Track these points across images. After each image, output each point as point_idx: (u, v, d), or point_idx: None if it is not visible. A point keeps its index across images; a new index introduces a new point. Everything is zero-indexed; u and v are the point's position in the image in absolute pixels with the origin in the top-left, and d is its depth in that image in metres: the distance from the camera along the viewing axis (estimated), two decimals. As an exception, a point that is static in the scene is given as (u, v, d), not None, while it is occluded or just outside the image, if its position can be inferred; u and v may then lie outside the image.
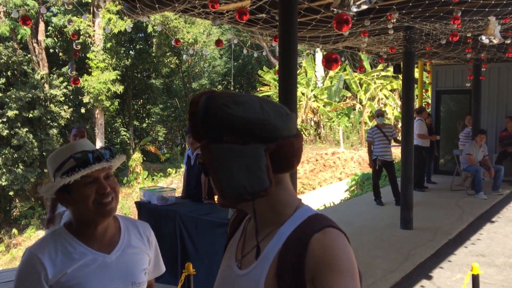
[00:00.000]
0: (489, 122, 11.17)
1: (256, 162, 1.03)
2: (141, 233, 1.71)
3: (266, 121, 1.05)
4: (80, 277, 1.50)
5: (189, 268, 3.29)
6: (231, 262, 1.20)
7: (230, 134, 1.04)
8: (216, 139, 1.05)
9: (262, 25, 5.74)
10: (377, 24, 6.04)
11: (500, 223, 7.45)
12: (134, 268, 1.61)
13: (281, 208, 1.11)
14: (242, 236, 1.25)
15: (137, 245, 1.67)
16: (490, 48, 8.49)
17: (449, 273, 5.33)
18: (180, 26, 22.48)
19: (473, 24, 6.27)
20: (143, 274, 1.64)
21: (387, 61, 10.30)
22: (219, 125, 1.04)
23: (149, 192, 5.20)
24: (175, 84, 32.56)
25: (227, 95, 1.08)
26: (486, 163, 9.43)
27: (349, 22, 3.14)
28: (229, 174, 1.03)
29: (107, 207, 1.54)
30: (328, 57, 3.21)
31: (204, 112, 1.06)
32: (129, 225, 1.71)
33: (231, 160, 1.03)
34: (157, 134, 33.70)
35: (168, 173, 22.37)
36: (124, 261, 1.60)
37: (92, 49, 20.72)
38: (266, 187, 1.04)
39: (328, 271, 0.97)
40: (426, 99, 14.39)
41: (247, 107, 1.05)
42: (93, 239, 1.58)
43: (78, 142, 1.60)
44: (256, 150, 1.03)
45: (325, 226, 1.04)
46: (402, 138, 7.15)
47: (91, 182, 1.52)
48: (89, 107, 21.27)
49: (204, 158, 1.08)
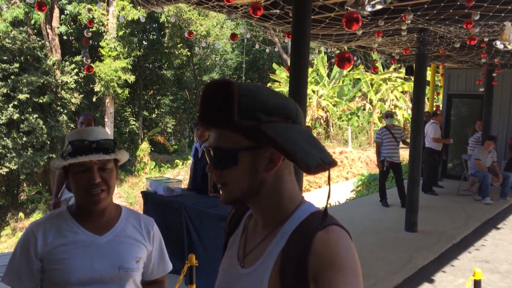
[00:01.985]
0: (499, 128, 11.08)
1: (312, 138, 1.04)
2: (141, 225, 1.74)
3: (297, 107, 1.08)
4: (66, 253, 1.57)
5: (192, 259, 3.32)
6: (233, 261, 1.19)
7: (269, 115, 1.02)
8: (258, 120, 1.01)
9: (276, 20, 5.72)
10: (391, 25, 6.01)
11: (506, 230, 7.41)
12: (124, 254, 1.63)
13: (286, 203, 1.10)
14: (243, 234, 1.23)
15: (133, 235, 1.69)
16: (504, 54, 8.41)
17: (451, 278, 5.31)
18: (194, 18, 22.49)
19: (488, 28, 6.22)
20: (134, 262, 1.65)
21: (399, 62, 10.24)
22: (257, 107, 1.02)
23: (155, 182, 5.23)
24: (186, 76, 32.61)
25: (253, 84, 1.07)
26: (494, 169, 9.36)
27: (359, 21, 3.12)
28: (301, 147, 1.00)
29: (95, 197, 1.59)
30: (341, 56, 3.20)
31: (240, 94, 1.01)
32: (131, 216, 1.75)
33: (293, 135, 1.01)
34: (166, 125, 33.84)
35: (176, 164, 22.46)
36: (115, 245, 1.63)
37: (105, 37, 20.79)
38: (333, 159, 1.04)
39: (331, 269, 0.96)
40: (437, 102, 14.28)
41: (277, 94, 1.07)
42: (88, 221, 1.65)
43: (86, 130, 1.64)
44: (304, 128, 1.04)
45: (328, 224, 1.04)
46: (411, 141, 7.11)
47: (84, 170, 1.57)
48: (100, 95, 21.37)
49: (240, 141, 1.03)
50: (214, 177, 1.12)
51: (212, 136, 1.09)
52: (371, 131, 20.43)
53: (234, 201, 1.10)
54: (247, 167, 1.05)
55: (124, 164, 25.24)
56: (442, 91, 12.24)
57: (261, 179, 1.06)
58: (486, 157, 9.30)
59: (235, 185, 1.07)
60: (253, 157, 1.05)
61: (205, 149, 1.11)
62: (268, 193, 1.09)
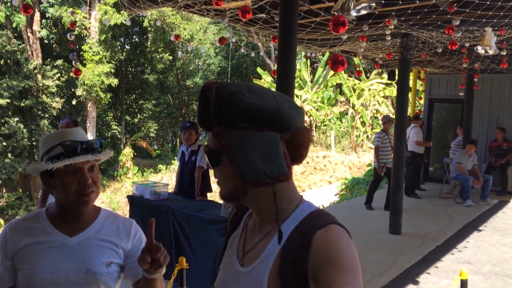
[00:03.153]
0: (480, 132, 11.30)
1: (274, 148, 1.04)
2: (119, 227, 1.69)
3: (280, 110, 1.06)
4: (34, 252, 1.56)
5: (182, 262, 3.31)
6: (233, 260, 1.19)
7: (245, 121, 1.04)
8: (229, 126, 1.05)
9: (262, 25, 5.76)
10: (375, 30, 6.10)
11: (487, 232, 7.54)
12: (93, 257, 1.59)
13: (285, 203, 1.10)
14: (242, 233, 1.23)
15: (108, 237, 1.65)
16: (485, 59, 8.59)
17: (435, 279, 5.39)
18: (177, 22, 22.43)
19: (469, 34, 6.36)
20: (104, 266, 1.60)
21: (382, 67, 10.38)
22: (233, 112, 1.04)
23: (142, 186, 5.20)
24: (169, 80, 32.48)
25: (239, 84, 1.08)
26: (475, 172, 9.53)
27: (346, 24, 3.16)
28: (248, 159, 1.03)
29: (85, 198, 1.57)
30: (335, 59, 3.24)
31: (217, 98, 1.04)
32: (109, 218, 1.71)
33: (249, 145, 1.03)
34: (149, 130, 33.60)
35: (159, 169, 22.32)
36: (85, 247, 1.59)
37: (87, 41, 20.61)
38: (286, 172, 1.06)
39: (331, 268, 0.96)
40: (419, 107, 14.51)
41: (261, 95, 1.06)
42: (64, 222, 1.62)
43: (72, 130, 1.62)
44: (273, 136, 1.05)
45: (328, 223, 1.04)
46: (394, 145, 7.21)
47: (74, 171, 1.55)
48: (81, 99, 21.15)
49: (216, 145, 1.07)
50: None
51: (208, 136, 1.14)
52: (354, 135, 20.62)
53: (227, 198, 1.13)
54: (228, 169, 1.08)
55: (106, 169, 24.99)
56: (424, 95, 12.43)
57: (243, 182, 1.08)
58: (467, 161, 9.47)
59: (223, 183, 1.12)
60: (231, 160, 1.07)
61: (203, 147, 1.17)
62: (259, 195, 1.09)
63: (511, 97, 10.98)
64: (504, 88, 11.08)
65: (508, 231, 7.57)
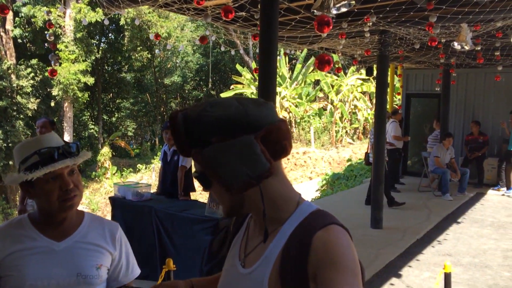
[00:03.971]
0: (456, 126, 11.51)
1: (250, 149, 1.04)
2: (105, 231, 1.69)
3: (247, 112, 1.06)
4: (21, 259, 1.53)
5: (169, 263, 3.29)
6: (235, 261, 1.20)
7: (216, 134, 1.04)
8: (204, 145, 1.05)
9: (242, 23, 5.75)
10: (354, 27, 6.15)
11: (466, 224, 7.70)
12: (83, 261, 1.59)
13: (282, 203, 1.11)
14: (244, 234, 1.24)
15: (95, 240, 1.64)
16: (460, 54, 8.75)
17: (417, 272, 5.48)
18: (154, 20, 22.22)
19: (446, 30, 6.46)
20: (94, 269, 1.60)
21: (360, 64, 10.48)
22: (203, 131, 1.05)
23: (124, 187, 5.14)
24: (147, 79, 32.19)
25: (201, 103, 1.10)
26: (452, 166, 9.71)
27: (330, 24, 3.19)
28: (229, 168, 1.03)
29: (69, 202, 1.55)
30: (321, 59, 3.25)
31: (185, 124, 1.07)
32: (94, 221, 1.70)
33: (225, 156, 1.03)
34: (127, 129, 33.26)
35: (138, 169, 22.12)
36: (74, 252, 1.59)
37: (63, 39, 20.25)
38: (268, 167, 1.04)
39: (330, 268, 0.97)
40: (397, 102, 14.70)
41: (225, 106, 1.07)
42: (49, 228, 1.60)
43: (45, 137, 1.60)
44: (246, 139, 1.04)
45: (327, 223, 1.04)
46: (374, 140, 7.29)
47: (54, 178, 1.53)
48: (58, 99, 20.79)
49: (198, 166, 1.08)
50: None
51: None
52: (333, 131, 20.78)
53: (230, 214, 1.15)
54: (220, 188, 1.08)
55: (84, 169, 24.61)
56: (401, 91, 12.60)
57: (239, 197, 1.09)
58: (445, 154, 9.64)
59: (221, 202, 1.13)
60: None
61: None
62: (256, 202, 1.10)
63: (486, 91, 11.21)
64: (479, 83, 11.31)
65: (485, 223, 7.75)
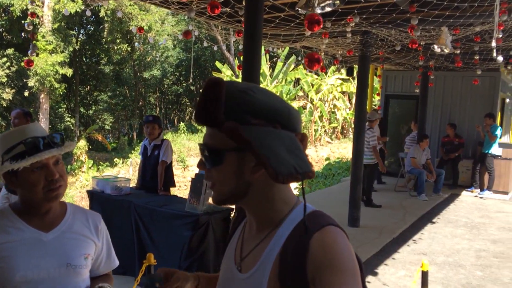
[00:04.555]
0: (433, 128, 11.71)
1: (295, 145, 1.03)
2: (89, 221, 1.71)
3: (289, 111, 1.06)
4: (9, 250, 1.52)
5: (150, 258, 3.27)
6: (231, 265, 1.18)
7: (258, 117, 1.02)
8: (242, 122, 1.01)
9: (226, 19, 5.73)
10: (337, 27, 6.19)
11: (440, 224, 7.85)
12: (71, 250, 1.60)
13: (281, 205, 1.10)
14: (240, 237, 1.22)
15: (81, 231, 1.66)
16: (439, 57, 8.90)
17: (393, 270, 5.57)
18: (135, 13, 21.95)
19: (426, 33, 6.57)
20: (82, 259, 1.62)
21: (341, 63, 10.57)
22: (245, 108, 1.02)
23: (102, 181, 5.08)
24: (126, 72, 31.80)
25: (246, 83, 1.07)
26: (428, 167, 9.89)
27: (321, 23, 3.21)
28: (275, 153, 0.99)
29: (54, 193, 1.55)
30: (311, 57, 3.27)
31: (228, 93, 1.02)
32: (77, 212, 1.71)
33: (273, 142, 1.00)
34: (104, 122, 32.84)
35: (115, 163, 21.84)
36: (62, 242, 1.60)
37: (40, 30, 19.84)
38: (311, 169, 1.03)
39: (328, 270, 0.96)
40: (376, 103, 14.87)
41: (269, 95, 1.06)
42: (34, 218, 1.60)
43: (29, 126, 1.59)
44: (290, 135, 1.03)
45: (324, 225, 1.03)
46: (353, 139, 7.37)
47: (40, 168, 1.53)
48: (34, 90, 20.38)
49: (223, 141, 1.03)
50: (205, 175, 1.12)
51: (206, 133, 1.09)
52: (312, 129, 20.91)
53: (223, 201, 1.10)
54: (232, 167, 1.05)
55: (59, 162, 24.15)
56: (381, 91, 12.75)
57: (247, 181, 1.06)
58: (421, 155, 9.80)
59: (221, 185, 1.07)
60: (239, 158, 1.04)
61: (199, 145, 1.11)
62: (258, 196, 1.08)
63: (463, 95, 11.44)
64: (456, 86, 11.52)
65: (459, 223, 7.92)
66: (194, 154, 20.42)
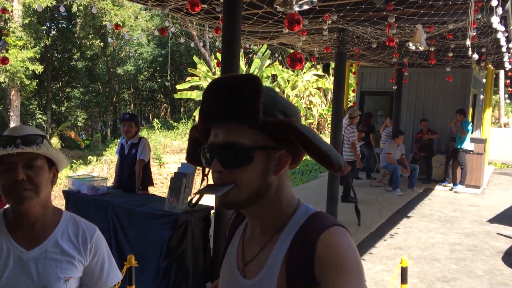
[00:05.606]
0: (407, 124, 11.91)
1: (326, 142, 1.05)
2: (78, 236, 1.58)
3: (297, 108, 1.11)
4: None
5: (131, 260, 3.22)
6: (234, 271, 1.15)
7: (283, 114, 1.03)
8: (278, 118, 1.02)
9: (203, 15, 5.68)
10: (314, 24, 6.21)
11: (415, 218, 8.00)
12: (50, 273, 1.50)
13: (285, 207, 1.09)
14: (240, 242, 1.19)
15: (66, 249, 1.55)
16: (413, 54, 9.04)
17: (370, 265, 5.65)
18: (108, 8, 21.59)
19: (401, 30, 6.66)
20: (61, 282, 1.51)
21: (318, 60, 10.62)
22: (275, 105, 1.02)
23: (78, 180, 4.98)
24: (99, 68, 31.29)
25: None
26: (403, 162, 10.06)
27: (300, 22, 3.21)
28: (327, 146, 0.99)
29: (17, 195, 1.46)
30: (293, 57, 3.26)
31: (266, 89, 1.02)
32: (70, 224, 1.60)
33: (316, 137, 1.00)
34: (76, 119, 32.26)
35: (89, 161, 21.47)
36: (42, 263, 1.50)
37: (10, 25, 19.32)
38: (345, 164, 1.03)
39: (334, 271, 0.96)
40: (351, 99, 15.03)
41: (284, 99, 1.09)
42: (20, 229, 1.52)
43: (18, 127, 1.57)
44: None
45: (328, 226, 1.03)
46: (331, 135, 7.40)
47: (8, 169, 1.46)
48: (4, 86, 19.85)
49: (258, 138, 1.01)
50: (216, 177, 1.04)
51: (222, 132, 1.02)
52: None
53: (237, 204, 1.04)
54: (261, 167, 1.02)
55: (31, 160, 23.62)
56: (356, 88, 12.88)
57: (269, 181, 1.04)
58: (396, 151, 9.96)
59: (246, 186, 1.02)
60: (266, 157, 1.02)
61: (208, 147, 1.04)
62: (271, 198, 1.06)
63: (436, 91, 11.66)
64: (430, 82, 11.74)
65: (433, 217, 8.08)
66: (170, 151, 20.25)
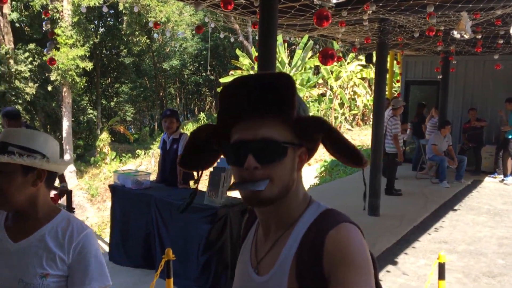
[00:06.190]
0: (454, 114, 11.51)
1: None
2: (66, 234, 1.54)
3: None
4: None
5: (169, 253, 3.33)
6: (248, 268, 1.16)
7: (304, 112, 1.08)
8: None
9: (241, 10, 5.73)
10: (353, 15, 6.13)
11: (462, 211, 7.77)
12: (27, 266, 1.49)
13: (299, 203, 1.11)
14: (253, 239, 1.21)
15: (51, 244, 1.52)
16: (460, 42, 8.72)
17: (413, 259, 5.55)
18: (153, 4, 22.04)
19: (446, 18, 6.45)
20: (37, 277, 1.47)
21: (360, 51, 10.45)
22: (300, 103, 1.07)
23: (123, 175, 5.17)
24: (145, 63, 32.02)
25: None
26: (450, 153, 9.75)
27: (329, 19, 3.19)
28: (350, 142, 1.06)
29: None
30: (325, 53, 3.26)
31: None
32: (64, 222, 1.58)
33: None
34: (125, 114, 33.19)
35: (137, 154, 22.14)
36: (24, 255, 1.50)
37: (60, 24, 20.12)
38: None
39: (342, 267, 0.96)
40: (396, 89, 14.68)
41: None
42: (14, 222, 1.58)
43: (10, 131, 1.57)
44: None
45: (339, 222, 1.04)
46: (373, 127, 7.31)
47: None
48: (56, 84, 20.72)
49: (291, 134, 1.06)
50: (247, 174, 1.04)
51: (253, 128, 1.04)
52: (332, 117, 20.77)
53: (269, 201, 1.05)
54: (291, 162, 1.06)
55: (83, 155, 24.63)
56: (401, 78, 12.57)
57: (293, 177, 1.08)
58: (442, 142, 9.67)
59: (279, 181, 1.04)
60: (294, 153, 1.07)
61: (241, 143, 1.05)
62: (292, 194, 1.09)
63: (485, 79, 11.20)
64: (478, 70, 11.29)
65: (481, 210, 7.82)
66: (215, 144, 20.50)
